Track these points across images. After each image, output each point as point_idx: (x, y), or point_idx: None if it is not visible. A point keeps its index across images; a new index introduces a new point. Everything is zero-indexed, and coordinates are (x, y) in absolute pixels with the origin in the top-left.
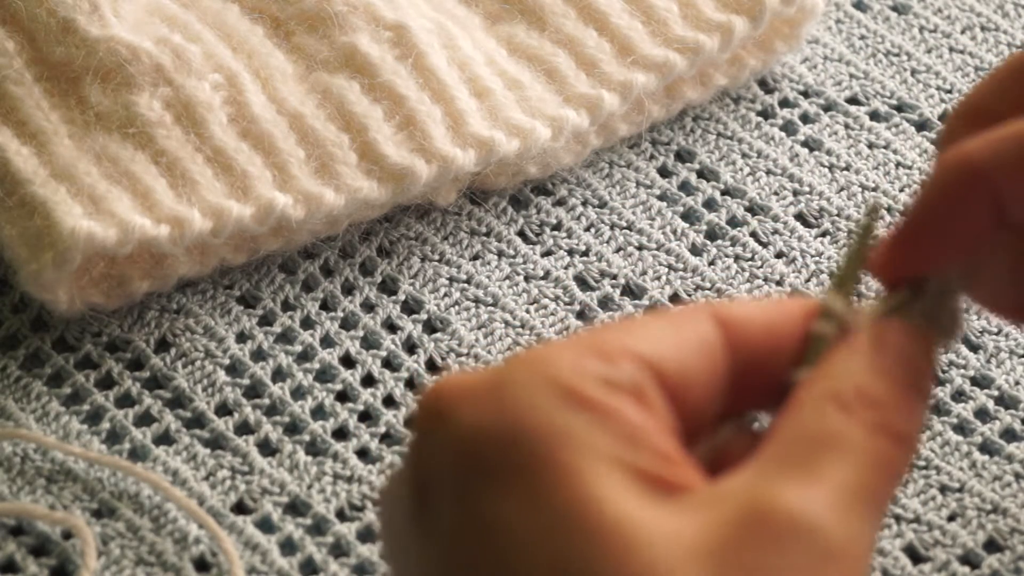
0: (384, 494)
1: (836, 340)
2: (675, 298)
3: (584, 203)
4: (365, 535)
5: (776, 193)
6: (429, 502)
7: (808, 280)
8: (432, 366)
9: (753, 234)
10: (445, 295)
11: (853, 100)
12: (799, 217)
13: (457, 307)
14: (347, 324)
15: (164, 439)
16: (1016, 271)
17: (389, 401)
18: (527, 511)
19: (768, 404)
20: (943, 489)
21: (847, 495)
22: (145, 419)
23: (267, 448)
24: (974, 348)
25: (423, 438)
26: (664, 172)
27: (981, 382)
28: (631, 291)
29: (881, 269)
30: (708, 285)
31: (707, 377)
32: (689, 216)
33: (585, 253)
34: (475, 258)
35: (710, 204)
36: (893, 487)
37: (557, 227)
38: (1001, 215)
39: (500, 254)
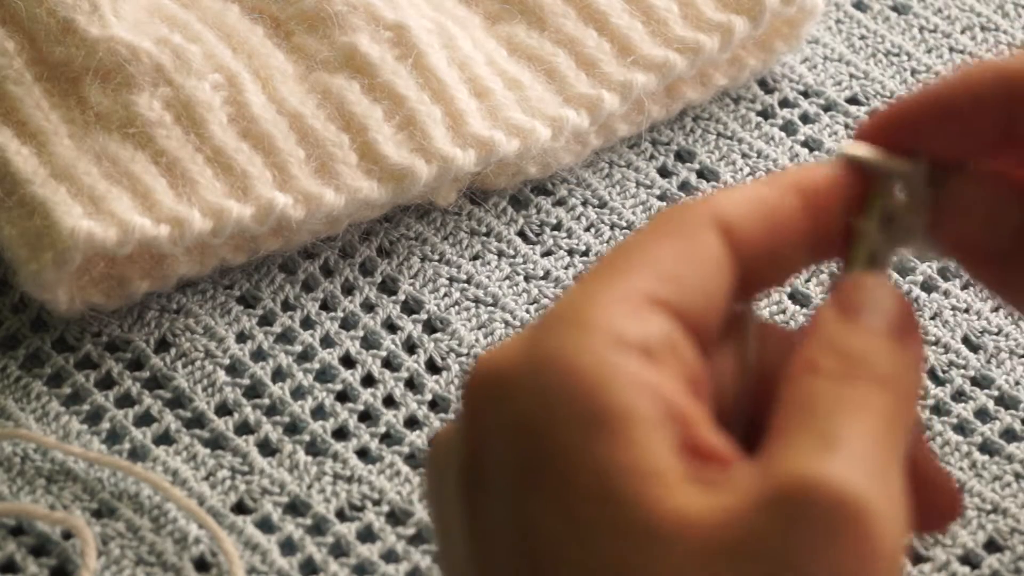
0: (433, 465)
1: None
2: None
3: (584, 203)
4: (365, 535)
5: None
6: (483, 485)
7: (808, 280)
8: (432, 366)
9: None
10: (445, 295)
11: (853, 100)
12: None
13: (457, 307)
14: (347, 324)
15: (164, 439)
16: (991, 215)
17: (389, 401)
18: (572, 512)
19: (773, 285)
20: None
21: (872, 455)
22: (145, 419)
23: (267, 448)
24: (974, 348)
25: (475, 419)
26: (664, 172)
27: (981, 382)
28: None
29: (876, 128)
30: None
31: (721, 296)
32: None
33: (585, 253)
34: (475, 258)
35: None
36: (904, 437)
37: (557, 227)
38: (1009, 123)
39: (500, 254)
